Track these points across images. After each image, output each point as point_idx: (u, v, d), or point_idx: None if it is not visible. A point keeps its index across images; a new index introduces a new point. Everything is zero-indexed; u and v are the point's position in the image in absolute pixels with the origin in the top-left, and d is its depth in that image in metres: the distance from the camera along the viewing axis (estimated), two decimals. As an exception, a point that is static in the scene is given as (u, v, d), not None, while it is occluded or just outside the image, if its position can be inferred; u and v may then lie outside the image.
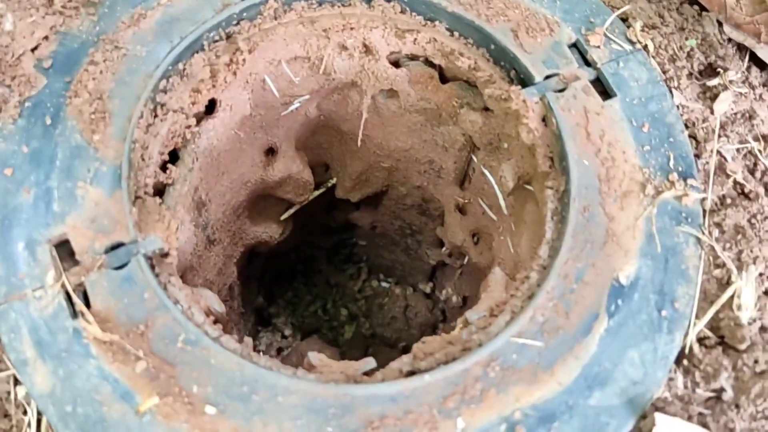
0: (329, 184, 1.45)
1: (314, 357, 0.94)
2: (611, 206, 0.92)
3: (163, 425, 0.78)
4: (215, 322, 0.92)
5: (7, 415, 0.85)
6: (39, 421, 0.83)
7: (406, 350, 1.82)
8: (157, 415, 0.78)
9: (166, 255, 0.89)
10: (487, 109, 1.08)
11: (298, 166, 1.29)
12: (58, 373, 0.80)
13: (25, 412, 0.84)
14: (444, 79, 1.12)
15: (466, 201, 1.32)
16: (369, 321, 1.87)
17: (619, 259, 0.90)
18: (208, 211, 1.16)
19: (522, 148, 1.04)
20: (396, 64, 1.12)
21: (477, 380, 0.83)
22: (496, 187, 1.16)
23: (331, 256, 1.93)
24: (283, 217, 1.41)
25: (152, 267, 0.88)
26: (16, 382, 0.84)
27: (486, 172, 1.18)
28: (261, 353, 1.75)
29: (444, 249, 1.49)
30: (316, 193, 1.43)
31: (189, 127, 0.99)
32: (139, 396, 0.79)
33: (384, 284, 1.91)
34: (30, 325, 0.82)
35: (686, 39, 1.05)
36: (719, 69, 1.04)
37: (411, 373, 0.88)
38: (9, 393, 0.85)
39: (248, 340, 1.02)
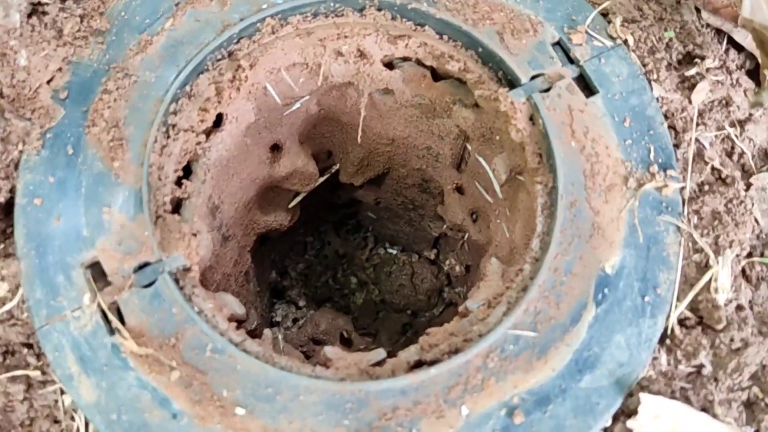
0: (333, 170, 1.52)
1: (330, 351, 1.03)
2: (596, 200, 0.99)
3: (200, 427, 0.87)
4: (238, 325, 1.01)
5: (57, 421, 0.94)
6: (87, 425, 0.93)
7: (415, 315, 1.93)
8: (194, 418, 0.88)
9: (188, 269, 0.97)
10: (478, 105, 1.14)
11: (303, 160, 1.36)
12: (102, 386, 0.89)
13: (72, 418, 0.93)
14: (436, 77, 1.18)
15: (464, 183, 1.39)
16: (378, 288, 1.96)
17: (605, 251, 0.97)
18: (222, 212, 1.23)
19: (512, 144, 1.10)
20: (390, 65, 1.17)
21: (478, 371, 0.92)
22: (490, 173, 1.23)
23: (338, 227, 2.01)
24: (291, 205, 1.48)
25: (177, 281, 0.96)
26: (63, 391, 0.93)
27: (480, 159, 1.25)
28: (279, 326, 1.86)
29: (445, 226, 1.57)
30: (321, 179, 1.50)
31: (199, 143, 1.06)
32: (176, 402, 0.88)
33: (390, 251, 1.99)
34: (72, 343, 0.91)
35: (665, 30, 1.10)
36: (697, 58, 1.09)
37: (418, 364, 0.97)
38: (56, 401, 0.94)
39: (267, 333, 1.12)
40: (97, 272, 0.94)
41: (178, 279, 0.96)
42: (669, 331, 0.95)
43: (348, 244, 2.00)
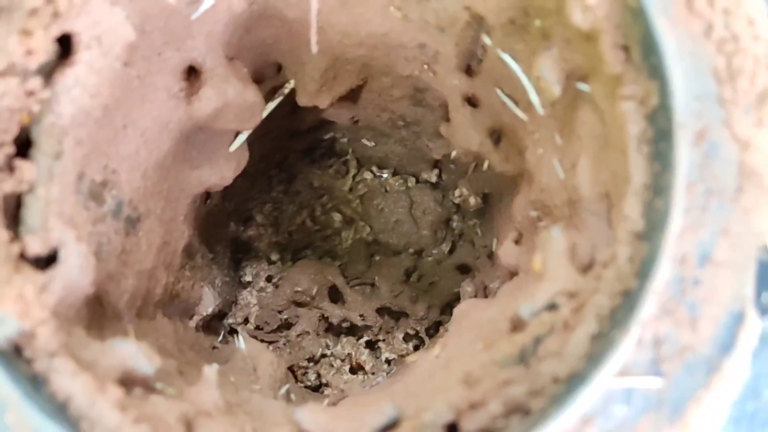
0: (285, 91, 1.06)
1: (306, 417, 0.62)
2: (742, 123, 0.56)
3: None
4: (146, 388, 0.60)
5: None
6: None
7: (419, 254, 1.52)
8: None
9: (32, 335, 0.54)
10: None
11: (236, 87, 0.90)
12: None
13: None
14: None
15: (478, 91, 0.95)
16: (368, 224, 1.55)
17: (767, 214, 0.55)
18: (117, 188, 0.79)
19: (571, 32, 0.65)
20: None
21: (567, 461, 0.51)
22: (524, 80, 0.79)
23: (309, 152, 1.56)
24: (232, 149, 1.04)
25: (18, 352, 0.54)
26: None
27: (507, 58, 0.80)
28: (250, 288, 1.45)
29: (454, 152, 1.13)
30: (271, 106, 1.05)
31: (32, 93, 0.61)
32: None
33: (380, 175, 1.56)
34: None
35: None
36: None
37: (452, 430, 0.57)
38: None
39: (208, 373, 0.71)
40: None
41: (20, 349, 0.54)
42: None
43: (324, 173, 1.57)
